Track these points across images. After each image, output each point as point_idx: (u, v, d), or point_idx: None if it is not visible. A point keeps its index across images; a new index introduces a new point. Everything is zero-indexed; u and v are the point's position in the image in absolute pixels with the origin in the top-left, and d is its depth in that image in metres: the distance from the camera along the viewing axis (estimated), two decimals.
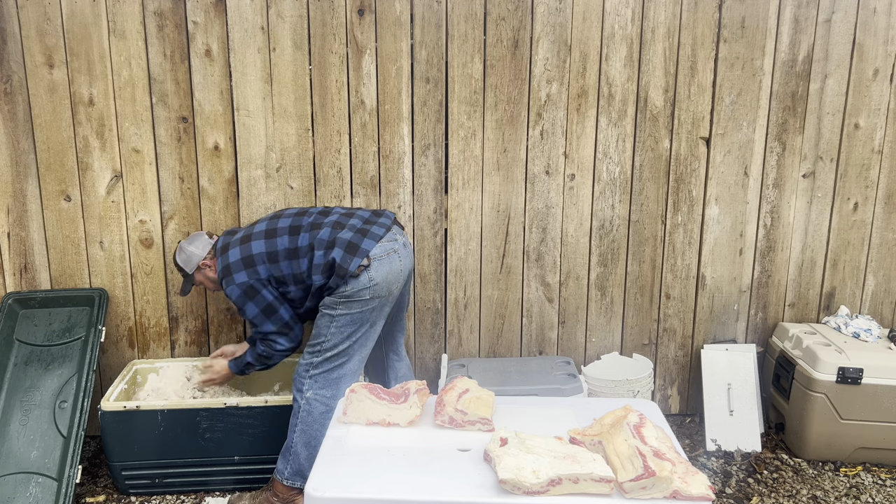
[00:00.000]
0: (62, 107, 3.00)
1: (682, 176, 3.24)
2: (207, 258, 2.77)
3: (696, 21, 3.10)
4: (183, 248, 2.80)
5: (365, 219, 2.65)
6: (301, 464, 2.60)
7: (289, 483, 2.62)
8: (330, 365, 2.58)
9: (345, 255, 2.49)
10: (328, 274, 2.52)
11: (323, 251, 2.52)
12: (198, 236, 2.82)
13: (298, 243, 2.57)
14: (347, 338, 2.56)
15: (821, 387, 3.00)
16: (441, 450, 1.88)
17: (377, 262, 2.53)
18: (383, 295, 2.56)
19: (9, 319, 2.98)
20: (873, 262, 3.38)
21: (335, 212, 2.68)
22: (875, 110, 3.22)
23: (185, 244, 2.81)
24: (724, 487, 2.95)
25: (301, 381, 2.60)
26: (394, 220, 2.73)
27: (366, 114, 3.09)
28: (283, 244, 2.58)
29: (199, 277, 2.81)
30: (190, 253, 2.78)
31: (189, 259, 2.78)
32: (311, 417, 2.58)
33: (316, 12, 2.99)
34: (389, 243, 2.59)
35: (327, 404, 2.58)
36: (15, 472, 2.64)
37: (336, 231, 2.55)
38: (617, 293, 3.34)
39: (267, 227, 2.64)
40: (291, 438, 2.61)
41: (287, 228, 2.61)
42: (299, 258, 2.56)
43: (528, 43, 3.08)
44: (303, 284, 2.59)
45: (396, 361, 2.97)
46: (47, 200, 3.07)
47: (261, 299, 2.60)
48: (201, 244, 2.79)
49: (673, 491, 1.64)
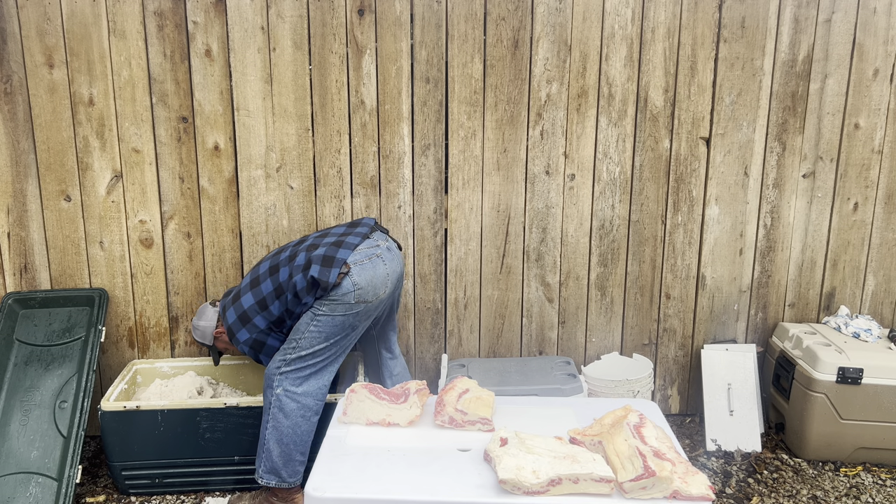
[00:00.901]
0: (62, 107, 3.00)
1: (682, 176, 3.24)
2: (218, 327, 2.86)
3: (696, 21, 3.10)
4: (196, 327, 2.89)
5: (339, 234, 2.65)
6: (274, 461, 2.58)
7: (264, 481, 2.60)
8: (302, 363, 2.56)
9: (321, 268, 2.49)
10: (314, 292, 2.53)
11: (301, 274, 2.53)
12: (203, 310, 2.89)
13: (280, 279, 2.59)
14: (325, 339, 2.54)
15: (821, 387, 3.00)
16: (441, 450, 1.88)
17: (358, 267, 2.52)
18: (370, 300, 2.55)
19: (9, 319, 2.98)
20: (873, 262, 3.38)
21: (310, 238, 2.70)
22: (875, 110, 3.22)
23: (196, 322, 2.89)
24: (724, 487, 2.95)
25: (271, 377, 2.59)
26: (373, 227, 2.73)
27: (366, 114, 3.09)
28: (267, 288, 2.61)
29: (219, 346, 2.91)
30: (203, 328, 2.87)
31: (204, 334, 2.88)
32: (281, 413, 2.57)
33: (316, 12, 2.99)
34: (370, 249, 2.59)
35: (298, 401, 2.57)
36: (15, 472, 2.64)
37: (310, 252, 2.56)
38: (617, 293, 3.34)
39: (251, 279, 2.69)
40: (263, 436, 2.60)
41: (267, 272, 2.64)
42: (285, 293, 2.58)
43: (528, 43, 3.08)
44: (296, 314, 2.61)
45: (390, 360, 2.97)
46: (47, 200, 3.07)
47: (269, 349, 2.67)
48: (209, 316, 2.87)
49: (673, 491, 1.64)
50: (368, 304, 2.55)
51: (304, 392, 2.57)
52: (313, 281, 2.50)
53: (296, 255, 2.59)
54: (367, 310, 2.57)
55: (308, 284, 2.51)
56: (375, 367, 2.99)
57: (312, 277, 2.49)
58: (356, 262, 2.52)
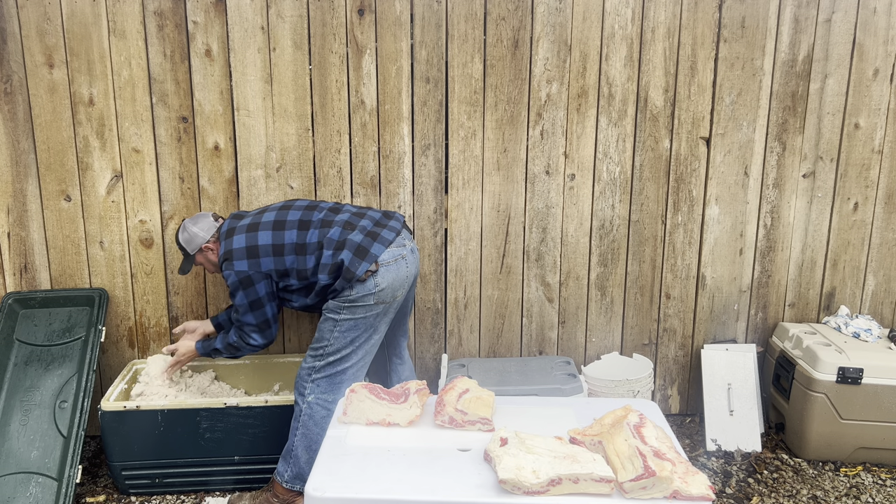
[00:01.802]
0: (62, 107, 3.00)
1: (682, 176, 3.24)
2: (211, 241, 2.72)
3: (696, 21, 3.10)
4: (186, 228, 2.74)
5: (375, 220, 2.62)
6: (301, 467, 2.60)
7: (288, 486, 2.62)
8: (332, 370, 2.57)
9: (354, 258, 2.47)
10: (335, 275, 2.51)
11: (332, 251, 2.50)
12: (202, 217, 2.77)
13: (307, 239, 2.54)
14: (350, 342, 2.55)
15: (821, 387, 3.00)
16: (441, 450, 1.88)
17: (385, 268, 2.51)
18: (388, 301, 2.55)
19: (9, 319, 2.98)
20: (873, 262, 3.38)
21: (345, 209, 2.65)
22: (875, 110, 3.22)
23: (188, 223, 2.75)
24: (724, 487, 2.95)
25: (303, 384, 2.59)
26: (403, 224, 2.70)
27: (366, 114, 3.09)
28: (290, 238, 2.55)
29: (199, 259, 2.76)
30: (193, 233, 2.72)
31: (192, 239, 2.73)
32: (311, 421, 2.57)
33: (316, 12, 2.99)
34: (398, 249, 2.58)
35: (328, 408, 2.58)
36: (15, 472, 2.64)
37: (347, 232, 2.52)
38: (617, 293, 3.34)
39: (276, 218, 2.60)
40: (292, 442, 2.61)
41: (297, 222, 2.57)
42: (306, 254, 2.53)
43: (528, 43, 3.08)
44: (306, 280, 2.57)
45: (399, 364, 2.97)
46: (47, 200, 3.07)
47: (253, 292, 2.57)
48: (206, 226, 2.74)
49: (673, 491, 1.64)
50: (386, 304, 2.56)
51: (334, 399, 2.58)
52: (340, 265, 2.47)
53: (331, 224, 2.55)
54: (384, 310, 2.57)
55: (333, 265, 2.48)
56: (383, 371, 2.98)
57: (342, 262, 2.46)
58: (384, 262, 2.51)
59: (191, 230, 2.73)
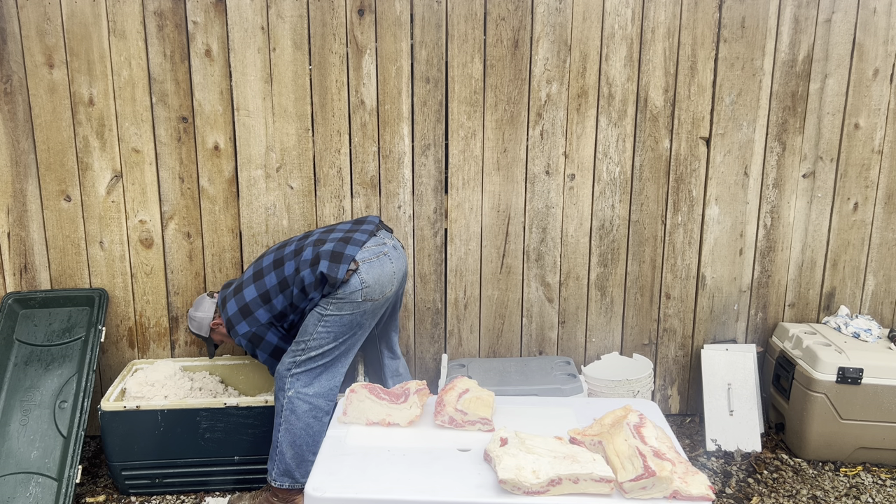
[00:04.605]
0: (62, 107, 3.00)
1: (682, 176, 3.24)
2: (216, 318, 2.81)
3: (696, 21, 3.10)
4: (192, 317, 2.85)
5: (346, 230, 2.65)
6: (287, 463, 2.59)
7: (277, 484, 2.61)
8: (313, 364, 2.57)
9: (330, 264, 2.49)
10: (321, 287, 2.53)
11: (309, 269, 2.52)
12: (200, 301, 2.86)
13: (285, 273, 2.58)
14: (333, 339, 2.55)
15: (821, 387, 3.00)
16: (441, 450, 1.88)
17: (366, 265, 2.52)
18: (376, 298, 2.55)
19: (9, 319, 2.98)
20: (873, 262, 3.38)
21: (314, 232, 2.69)
22: (875, 110, 3.22)
23: (192, 313, 2.85)
24: (724, 487, 2.95)
25: (283, 379, 2.59)
26: (378, 224, 2.73)
27: (366, 114, 3.09)
28: (271, 281, 2.60)
29: (216, 338, 2.86)
30: (199, 319, 2.83)
31: (200, 324, 2.83)
32: (294, 416, 2.57)
33: (316, 12, 2.99)
34: (377, 246, 2.59)
35: (309, 402, 2.57)
36: (15, 472, 2.64)
37: (318, 247, 2.55)
38: (617, 293, 3.34)
39: (254, 271, 2.67)
40: (276, 438, 2.60)
41: (272, 264, 2.63)
42: (290, 287, 2.57)
43: (528, 43, 3.08)
44: (300, 310, 2.61)
45: (391, 359, 2.97)
46: (47, 200, 3.07)
47: (266, 345, 2.65)
48: (206, 307, 2.83)
49: (673, 491, 1.64)
50: (375, 302, 2.56)
51: (315, 393, 2.57)
52: (322, 276, 2.49)
53: (302, 250, 2.59)
54: (373, 308, 2.57)
55: (316, 280, 2.51)
56: (377, 367, 2.99)
57: (321, 273, 2.48)
58: (364, 259, 2.53)
59: (196, 317, 2.83)
